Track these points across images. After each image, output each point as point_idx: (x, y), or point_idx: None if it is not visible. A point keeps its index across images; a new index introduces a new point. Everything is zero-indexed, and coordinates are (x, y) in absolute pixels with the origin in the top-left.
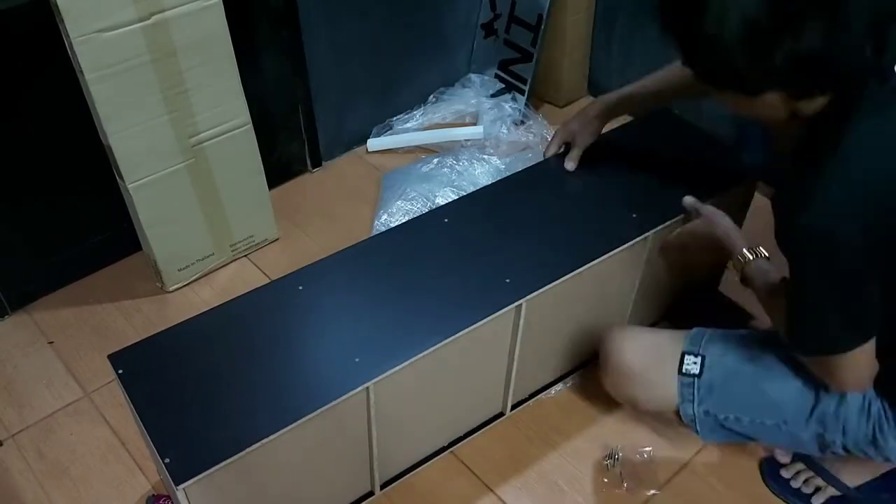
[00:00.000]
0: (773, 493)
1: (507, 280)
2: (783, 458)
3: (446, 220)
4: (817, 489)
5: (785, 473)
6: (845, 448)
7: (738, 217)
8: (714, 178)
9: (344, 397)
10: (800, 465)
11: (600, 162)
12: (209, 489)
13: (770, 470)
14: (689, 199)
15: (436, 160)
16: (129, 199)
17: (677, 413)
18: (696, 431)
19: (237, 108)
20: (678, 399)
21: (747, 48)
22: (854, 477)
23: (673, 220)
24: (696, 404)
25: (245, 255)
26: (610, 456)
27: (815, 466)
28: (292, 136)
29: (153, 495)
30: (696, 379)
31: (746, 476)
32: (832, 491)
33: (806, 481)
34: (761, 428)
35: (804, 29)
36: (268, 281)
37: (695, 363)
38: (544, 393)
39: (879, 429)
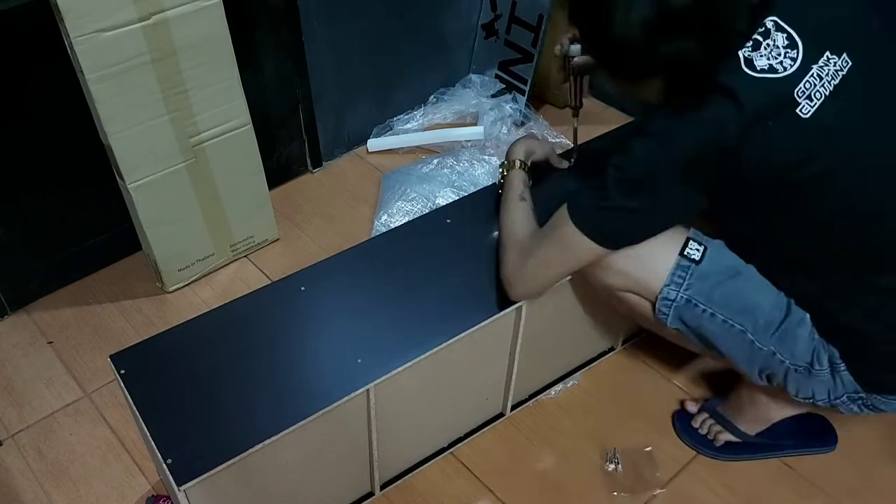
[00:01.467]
0: (685, 442)
1: None
2: (692, 408)
3: (447, 221)
4: (718, 434)
5: (694, 423)
6: (784, 376)
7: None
8: None
9: (345, 399)
10: (705, 415)
11: (601, 160)
12: (210, 490)
13: (681, 423)
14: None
15: (436, 161)
16: (129, 199)
17: (651, 300)
18: (665, 315)
19: (237, 108)
20: (666, 280)
21: (638, 44)
22: (750, 426)
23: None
24: (682, 288)
25: (245, 256)
26: (611, 459)
27: (718, 416)
28: (292, 137)
29: (153, 496)
30: (693, 265)
31: (746, 477)
32: (730, 437)
33: (709, 429)
34: (727, 332)
35: (683, 32)
36: (268, 281)
37: (697, 250)
38: (544, 393)
39: (817, 356)
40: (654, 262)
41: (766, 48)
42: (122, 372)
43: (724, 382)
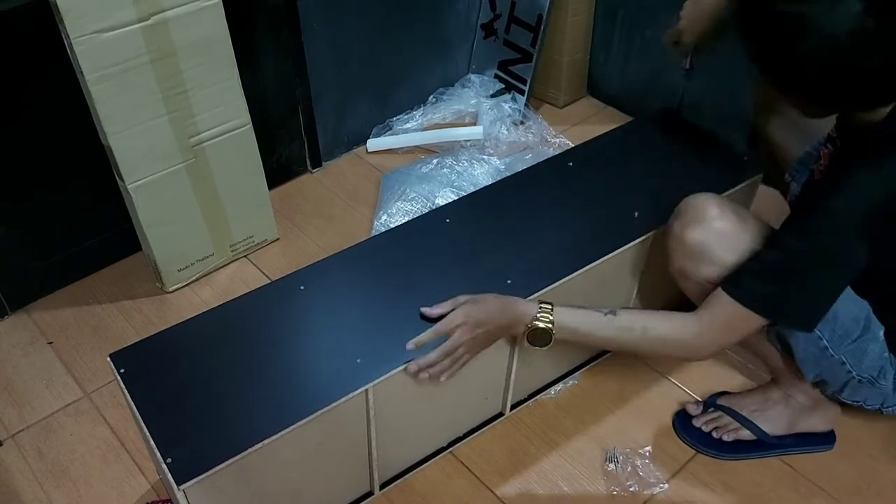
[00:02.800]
0: (685, 442)
1: (508, 281)
2: (694, 409)
3: (446, 221)
4: (730, 431)
5: (696, 422)
6: (843, 383)
7: None
8: (717, 177)
9: (344, 399)
10: (712, 414)
11: (602, 161)
12: (209, 490)
13: (682, 423)
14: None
15: (435, 160)
16: (129, 199)
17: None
18: None
19: (237, 109)
20: None
21: (832, 69)
22: (775, 427)
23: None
24: None
25: (245, 256)
26: (611, 458)
27: (734, 414)
28: (292, 137)
29: (152, 501)
30: None
31: (746, 476)
32: (745, 434)
33: (715, 427)
34: (805, 335)
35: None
36: (268, 281)
37: None
38: (544, 393)
39: (883, 372)
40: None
41: None
42: (122, 371)
43: (722, 380)
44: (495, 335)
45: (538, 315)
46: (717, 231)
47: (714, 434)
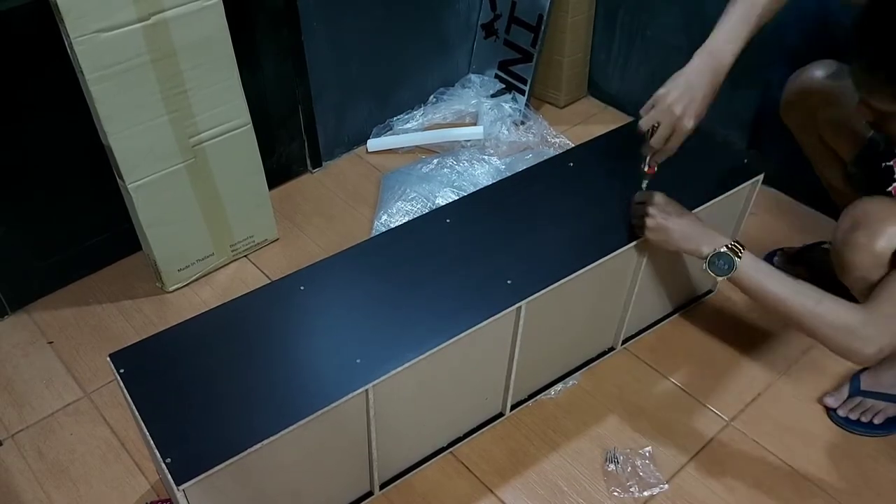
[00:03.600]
0: (846, 430)
1: (508, 281)
2: (833, 403)
3: (447, 221)
4: (876, 414)
5: (842, 412)
6: None
7: (738, 220)
8: (716, 177)
9: (344, 399)
10: (850, 404)
11: (602, 161)
12: (209, 490)
13: (833, 415)
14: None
15: (436, 160)
16: (129, 199)
17: None
18: None
19: (237, 109)
20: None
21: None
22: None
23: None
24: None
25: (245, 256)
26: (611, 459)
27: (877, 396)
28: (292, 137)
29: (152, 501)
30: None
31: (746, 476)
32: (892, 410)
33: (863, 413)
34: None
35: None
36: (268, 281)
37: None
38: (544, 393)
39: None
40: None
41: None
42: (122, 371)
43: (730, 383)
44: (679, 239)
45: (730, 244)
46: None
47: (863, 419)
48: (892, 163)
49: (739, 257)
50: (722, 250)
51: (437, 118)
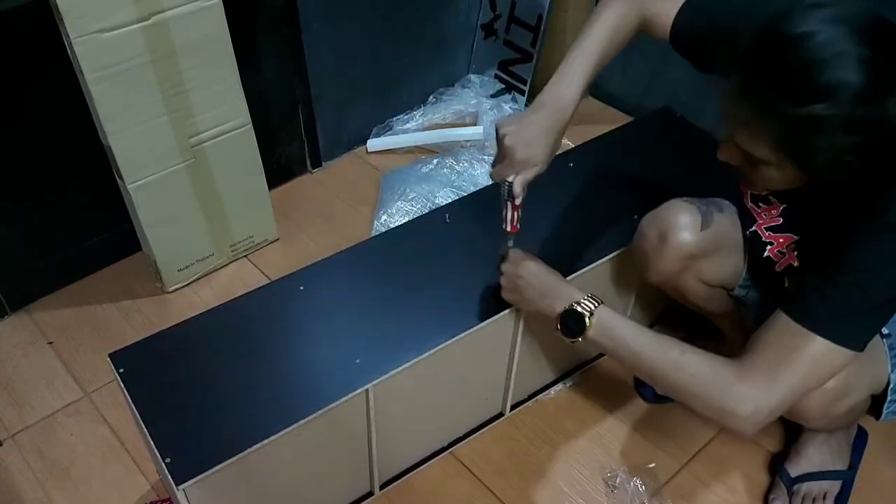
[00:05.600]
0: None
1: None
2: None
3: (447, 221)
4: (824, 497)
5: None
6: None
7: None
8: (717, 178)
9: (344, 399)
10: (795, 496)
11: (602, 161)
12: (209, 489)
13: None
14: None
15: (435, 161)
16: (129, 199)
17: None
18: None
19: (237, 109)
20: (889, 367)
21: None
22: (842, 460)
23: None
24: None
25: (245, 256)
26: (613, 480)
27: (813, 477)
28: (292, 137)
29: (152, 501)
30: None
31: (746, 476)
32: (835, 488)
33: (813, 501)
34: None
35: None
36: (267, 281)
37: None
38: (544, 393)
39: None
40: (874, 356)
41: None
42: (122, 371)
43: None
44: (533, 298)
45: (582, 300)
46: None
47: None
48: (755, 228)
49: (592, 314)
50: (573, 307)
51: (436, 118)
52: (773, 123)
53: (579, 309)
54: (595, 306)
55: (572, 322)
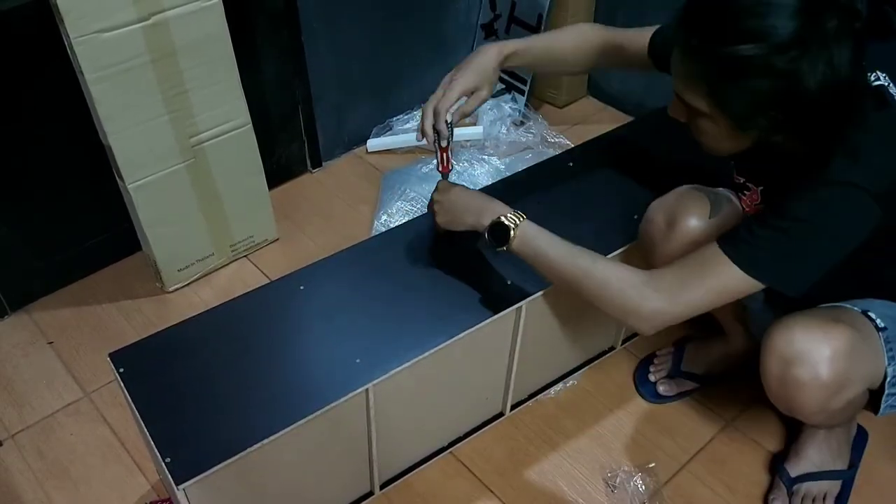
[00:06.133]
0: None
1: (508, 282)
2: None
3: None
4: (824, 498)
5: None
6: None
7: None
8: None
9: (344, 399)
10: (795, 495)
11: (602, 161)
12: (209, 489)
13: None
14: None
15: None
16: (129, 199)
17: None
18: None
19: (237, 109)
20: (886, 360)
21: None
22: (842, 460)
23: None
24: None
25: (245, 256)
26: (613, 480)
27: (813, 476)
28: (292, 137)
29: (152, 501)
30: (883, 332)
31: (746, 476)
32: (835, 488)
33: (813, 501)
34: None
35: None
36: (267, 281)
37: (877, 317)
38: (544, 393)
39: None
40: (871, 351)
41: None
42: (122, 370)
43: (731, 383)
44: (463, 215)
45: (508, 213)
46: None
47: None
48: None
49: (517, 225)
50: (500, 219)
51: None
52: (704, 66)
53: (505, 221)
54: (520, 220)
55: (499, 232)
